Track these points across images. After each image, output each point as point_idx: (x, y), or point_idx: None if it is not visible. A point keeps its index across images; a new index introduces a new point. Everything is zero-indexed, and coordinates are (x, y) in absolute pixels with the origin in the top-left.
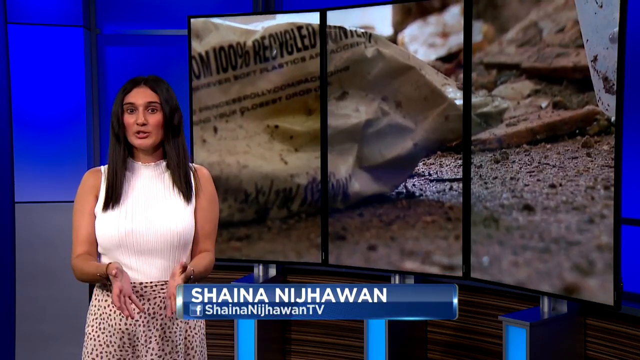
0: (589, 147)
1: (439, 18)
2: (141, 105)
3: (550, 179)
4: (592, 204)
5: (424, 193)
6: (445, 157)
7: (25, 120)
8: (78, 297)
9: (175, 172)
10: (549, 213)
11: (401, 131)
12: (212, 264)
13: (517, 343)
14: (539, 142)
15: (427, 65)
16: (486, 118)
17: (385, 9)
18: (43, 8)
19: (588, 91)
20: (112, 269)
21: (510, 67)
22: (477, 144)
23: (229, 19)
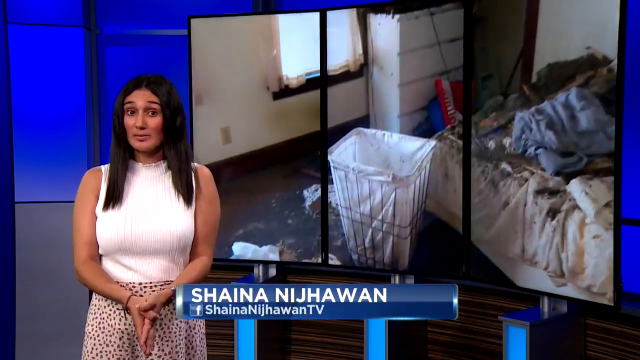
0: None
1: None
2: (141, 107)
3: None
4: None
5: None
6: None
7: (25, 120)
8: (78, 297)
9: (176, 175)
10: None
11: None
12: (206, 270)
13: (517, 343)
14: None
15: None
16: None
17: None
18: (43, 8)
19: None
20: (135, 306)
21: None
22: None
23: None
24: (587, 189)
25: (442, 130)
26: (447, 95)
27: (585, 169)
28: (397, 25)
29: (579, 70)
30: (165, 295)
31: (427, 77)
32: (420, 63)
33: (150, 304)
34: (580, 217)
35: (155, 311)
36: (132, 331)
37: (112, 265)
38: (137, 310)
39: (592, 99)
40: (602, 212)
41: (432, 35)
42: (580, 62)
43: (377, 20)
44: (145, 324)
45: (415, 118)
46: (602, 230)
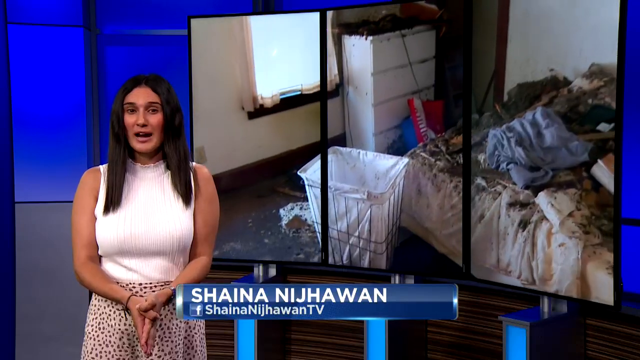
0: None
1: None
2: (142, 105)
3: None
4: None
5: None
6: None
7: (25, 120)
8: (78, 297)
9: (175, 175)
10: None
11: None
12: (205, 270)
13: (517, 343)
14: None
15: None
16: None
17: None
18: (43, 8)
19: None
20: (135, 306)
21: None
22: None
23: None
24: (552, 201)
25: (414, 147)
26: (419, 114)
27: (551, 182)
28: (370, 47)
29: (544, 91)
30: (165, 294)
31: (400, 97)
32: (393, 83)
33: (150, 304)
34: (547, 227)
35: (155, 311)
36: (132, 331)
37: (112, 266)
38: (137, 310)
39: (555, 117)
40: (566, 221)
41: (404, 56)
42: (545, 83)
43: (351, 42)
44: (145, 323)
45: (390, 136)
46: (567, 238)
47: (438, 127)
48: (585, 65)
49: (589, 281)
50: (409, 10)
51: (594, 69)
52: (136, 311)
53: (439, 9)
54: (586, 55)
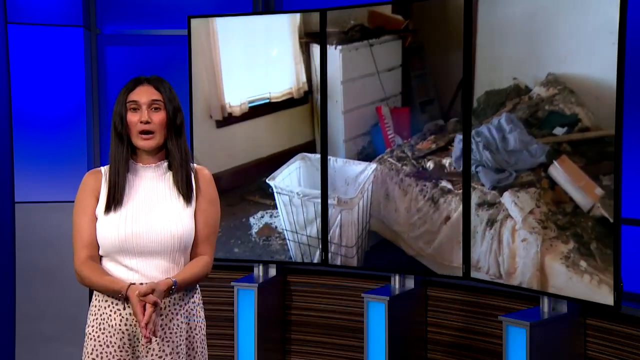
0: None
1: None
2: (145, 103)
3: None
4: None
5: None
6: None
7: (25, 120)
8: (78, 297)
9: (177, 174)
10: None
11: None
12: (207, 268)
13: (517, 343)
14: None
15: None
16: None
17: None
18: (43, 8)
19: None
20: (134, 293)
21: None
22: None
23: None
24: (515, 200)
25: (382, 153)
26: (387, 121)
27: (514, 182)
28: (339, 56)
29: (508, 98)
30: (166, 283)
31: (369, 104)
32: (361, 91)
33: (150, 288)
34: (512, 224)
35: (155, 296)
36: (132, 332)
37: (113, 265)
38: (136, 296)
39: (517, 123)
40: (527, 218)
41: (372, 65)
42: (509, 91)
43: (320, 51)
44: (147, 308)
45: (359, 143)
46: (528, 233)
47: (405, 134)
48: (543, 75)
49: (547, 272)
50: (376, 21)
51: (550, 78)
52: (135, 298)
53: (404, 19)
54: (544, 65)
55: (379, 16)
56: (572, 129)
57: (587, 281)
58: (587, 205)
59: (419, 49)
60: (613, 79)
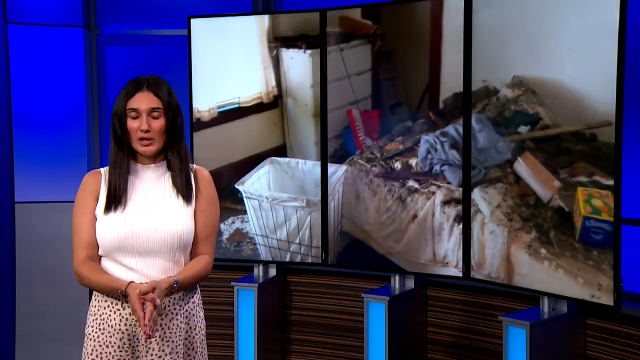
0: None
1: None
2: (144, 111)
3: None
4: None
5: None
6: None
7: (25, 120)
8: (78, 297)
9: (176, 175)
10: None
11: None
12: (208, 267)
13: (517, 343)
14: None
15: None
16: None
17: None
18: (43, 8)
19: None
20: (135, 292)
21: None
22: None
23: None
24: (484, 195)
25: (353, 155)
26: (358, 123)
27: (483, 179)
28: (308, 60)
29: (478, 99)
30: (166, 282)
31: (340, 107)
32: (332, 94)
33: (151, 286)
34: (481, 218)
35: (156, 294)
36: (132, 332)
37: (113, 265)
38: (136, 294)
39: (486, 122)
40: (495, 211)
41: (342, 69)
42: (479, 93)
43: (289, 55)
44: (148, 306)
45: (332, 145)
46: (495, 226)
47: (375, 135)
48: (509, 77)
49: (512, 261)
50: (346, 25)
51: (515, 80)
52: (135, 295)
53: (373, 24)
54: (509, 68)
55: (349, 21)
56: (534, 127)
57: (547, 267)
58: (546, 196)
59: (388, 53)
60: (569, 79)
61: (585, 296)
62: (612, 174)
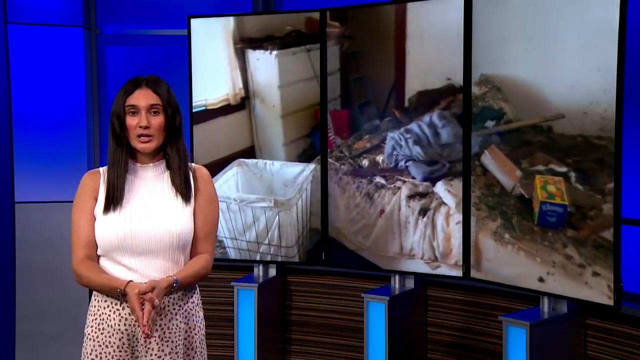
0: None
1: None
2: (144, 107)
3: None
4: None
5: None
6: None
7: (25, 120)
8: (78, 297)
9: (175, 174)
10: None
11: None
12: (208, 266)
13: (517, 343)
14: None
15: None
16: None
17: None
18: (43, 8)
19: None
20: (134, 291)
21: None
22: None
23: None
24: (449, 188)
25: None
26: (327, 123)
27: (448, 172)
28: (275, 61)
29: (442, 97)
30: (166, 281)
31: (308, 108)
32: (300, 95)
33: (150, 286)
34: (445, 210)
35: (156, 294)
36: (131, 332)
37: (112, 265)
38: (135, 294)
39: (450, 118)
40: (461, 203)
41: (310, 70)
42: (443, 90)
43: (256, 56)
44: (146, 305)
45: (300, 145)
46: (462, 217)
47: (344, 134)
48: (476, 75)
49: (480, 248)
50: (313, 27)
51: (482, 78)
52: (134, 295)
53: (341, 25)
54: (477, 67)
55: (316, 23)
56: (500, 122)
57: (510, 250)
58: (510, 185)
59: (356, 54)
60: (529, 76)
61: (542, 274)
62: (564, 162)
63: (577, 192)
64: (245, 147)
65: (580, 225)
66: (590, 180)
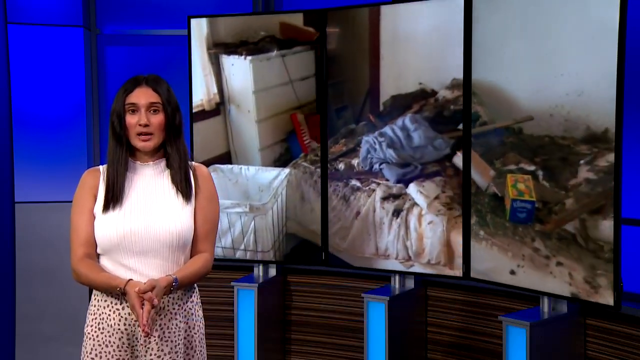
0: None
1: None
2: (143, 106)
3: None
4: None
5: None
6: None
7: (25, 120)
8: (78, 297)
9: (175, 173)
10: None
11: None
12: (207, 265)
13: (517, 343)
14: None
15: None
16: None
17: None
18: (43, 8)
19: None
20: (134, 290)
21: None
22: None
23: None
24: (421, 189)
25: (297, 158)
26: (303, 127)
27: (420, 174)
28: (249, 66)
29: (414, 101)
30: (165, 280)
31: (283, 112)
32: (275, 100)
33: (150, 285)
34: (418, 210)
35: (155, 293)
36: (131, 331)
37: (111, 264)
38: (135, 293)
39: (422, 121)
40: (433, 203)
41: (285, 75)
42: (415, 95)
43: (230, 61)
44: (145, 305)
45: (277, 150)
46: (434, 216)
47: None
48: (448, 80)
49: (452, 246)
50: (287, 32)
51: (454, 82)
52: (134, 293)
53: (316, 31)
54: (448, 72)
55: (290, 28)
56: (474, 124)
57: (484, 246)
58: (484, 185)
59: (332, 58)
60: (505, 80)
61: (513, 267)
62: (533, 161)
63: (544, 189)
64: (221, 153)
65: (546, 220)
66: (555, 178)
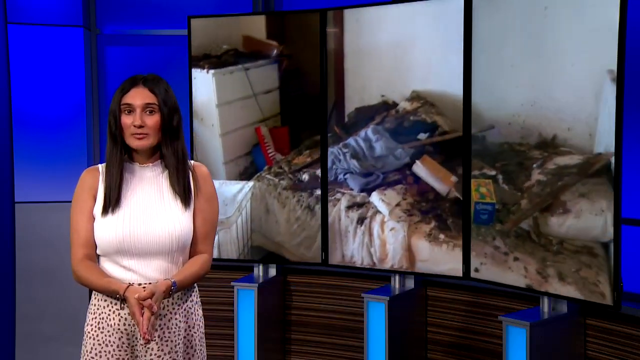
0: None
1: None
2: (139, 106)
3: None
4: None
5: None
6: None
7: (25, 120)
8: (78, 297)
9: (173, 175)
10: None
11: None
12: (206, 266)
13: (517, 343)
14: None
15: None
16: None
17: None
18: (43, 8)
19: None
20: (133, 296)
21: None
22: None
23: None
24: (382, 197)
25: (261, 171)
26: (267, 140)
27: (381, 183)
28: (212, 80)
29: (377, 112)
30: (164, 285)
31: (247, 126)
32: (239, 113)
33: (150, 292)
34: (380, 218)
35: (154, 299)
36: (131, 331)
37: (111, 266)
38: (135, 300)
39: (384, 132)
40: (394, 210)
41: (248, 88)
42: (378, 107)
43: (193, 75)
44: (145, 312)
45: (241, 163)
46: (395, 223)
47: (285, 151)
48: (408, 92)
49: (413, 250)
50: (251, 46)
51: (414, 94)
52: (134, 299)
53: (279, 44)
54: (408, 85)
55: (253, 41)
56: (434, 134)
57: (445, 248)
58: (444, 191)
59: (296, 72)
60: (460, 91)
61: (477, 265)
62: (494, 167)
63: (503, 192)
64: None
65: (505, 219)
66: (513, 181)
